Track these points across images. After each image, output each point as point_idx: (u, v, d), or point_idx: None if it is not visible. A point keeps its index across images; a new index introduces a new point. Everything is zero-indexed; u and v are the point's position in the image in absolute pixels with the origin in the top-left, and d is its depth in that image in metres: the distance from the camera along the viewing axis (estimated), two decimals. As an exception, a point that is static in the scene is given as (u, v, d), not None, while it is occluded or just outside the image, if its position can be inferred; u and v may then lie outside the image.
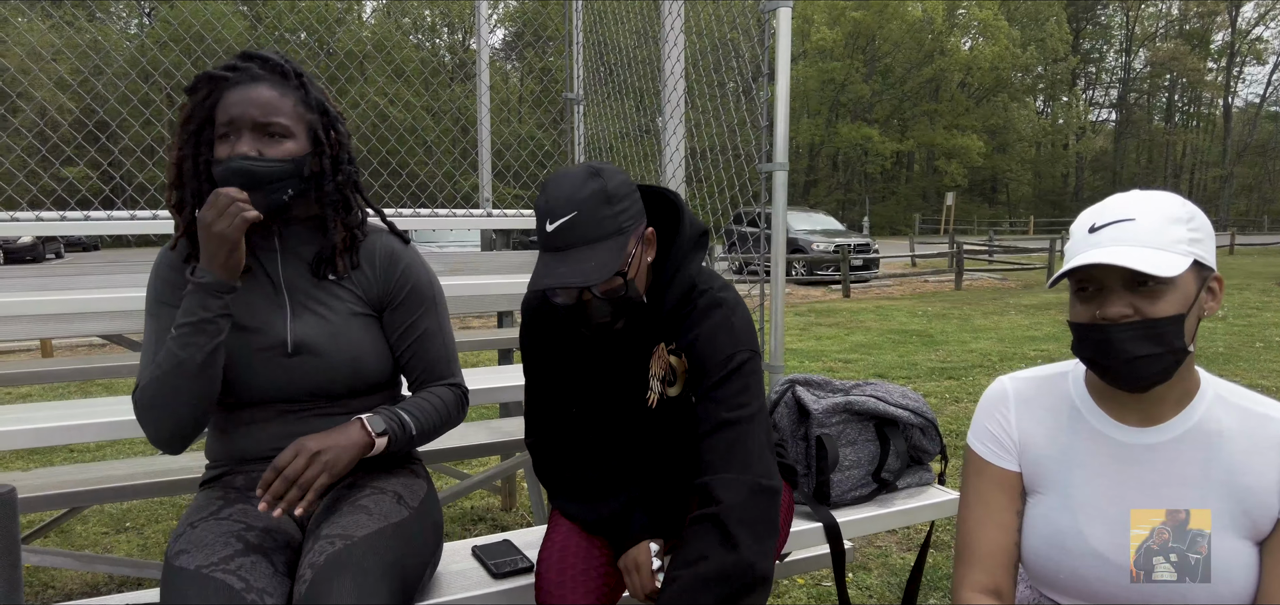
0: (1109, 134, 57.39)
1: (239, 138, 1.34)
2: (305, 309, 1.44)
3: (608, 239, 1.30)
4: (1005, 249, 19.77)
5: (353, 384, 1.44)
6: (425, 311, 1.52)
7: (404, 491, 1.45)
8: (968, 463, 1.36)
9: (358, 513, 1.35)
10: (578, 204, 1.28)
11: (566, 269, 1.27)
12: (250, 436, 1.42)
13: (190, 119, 1.37)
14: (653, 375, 1.46)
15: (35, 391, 6.87)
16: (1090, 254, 1.11)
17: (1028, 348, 8.25)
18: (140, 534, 3.56)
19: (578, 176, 1.31)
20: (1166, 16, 54.72)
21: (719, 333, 1.38)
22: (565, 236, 1.28)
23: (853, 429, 1.83)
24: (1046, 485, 1.27)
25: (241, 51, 1.40)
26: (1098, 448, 1.23)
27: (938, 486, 1.97)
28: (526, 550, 1.63)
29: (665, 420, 1.47)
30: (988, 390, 1.36)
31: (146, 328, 1.44)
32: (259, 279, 1.44)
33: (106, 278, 2.73)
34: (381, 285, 1.50)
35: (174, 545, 1.30)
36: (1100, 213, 1.16)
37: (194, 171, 1.38)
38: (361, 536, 1.30)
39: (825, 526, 1.72)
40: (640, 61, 3.60)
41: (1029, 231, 40.60)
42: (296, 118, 1.39)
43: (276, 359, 1.40)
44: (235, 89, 1.35)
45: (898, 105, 48.92)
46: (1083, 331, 1.16)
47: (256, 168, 1.33)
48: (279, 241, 1.47)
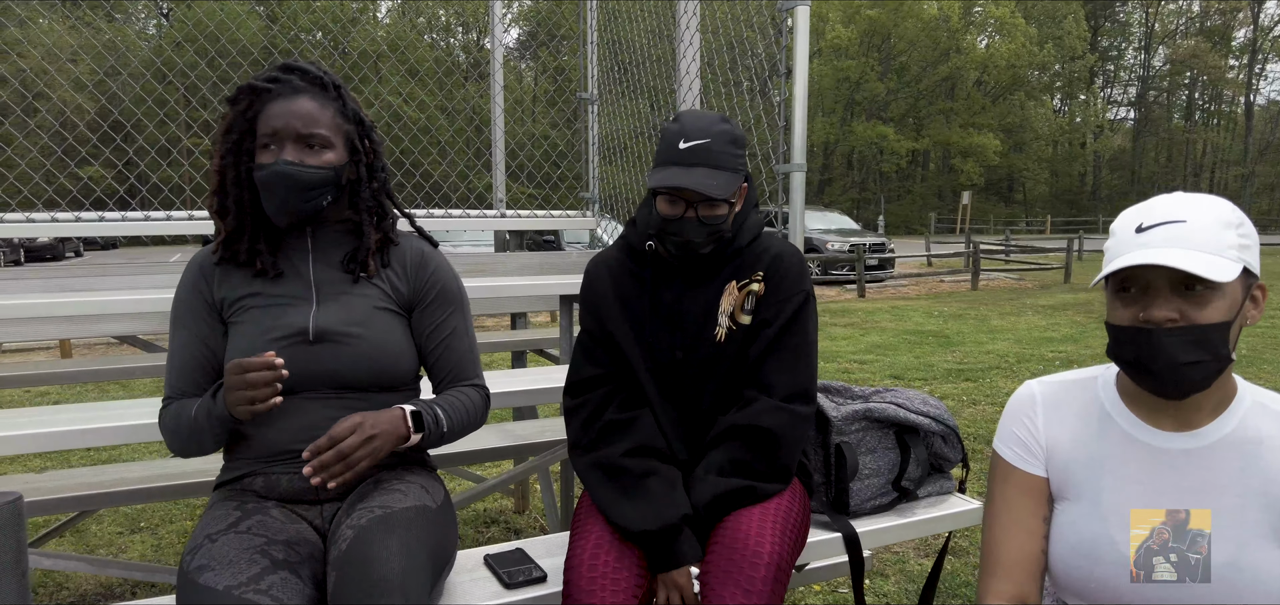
0: (1127, 133, 56.78)
1: (282, 148, 1.41)
2: (332, 301, 1.48)
3: (727, 170, 1.50)
4: (1022, 249, 19.59)
5: (376, 376, 1.47)
6: (453, 312, 1.58)
7: (428, 488, 1.49)
8: (994, 468, 1.33)
9: (391, 494, 1.40)
10: (711, 134, 1.49)
11: (692, 178, 1.46)
12: (272, 429, 1.42)
13: (231, 129, 1.44)
14: (722, 311, 1.60)
15: (55, 391, 6.93)
16: (1140, 254, 1.08)
17: (1045, 349, 8.15)
18: (154, 534, 3.57)
19: (714, 116, 1.53)
20: (1187, 13, 54.09)
21: (791, 269, 1.61)
22: (695, 156, 1.48)
23: (872, 436, 1.79)
24: (1075, 492, 1.24)
25: (281, 63, 1.46)
26: (1130, 453, 1.20)
27: (959, 495, 1.93)
28: (540, 559, 1.60)
29: (727, 354, 1.59)
30: (1015, 395, 1.33)
31: (172, 336, 1.49)
32: (289, 278, 1.49)
33: (128, 279, 2.73)
34: (411, 286, 1.55)
35: (192, 558, 1.28)
36: (1147, 213, 1.12)
37: (236, 179, 1.45)
38: (401, 508, 1.36)
39: (845, 537, 1.68)
40: (654, 60, 3.58)
41: (1046, 231, 40.26)
42: (335, 128, 1.46)
43: (298, 346, 1.43)
44: (277, 101, 1.42)
45: (913, 103, 48.62)
46: (1125, 334, 1.12)
47: (299, 173, 1.40)
48: (311, 242, 1.52)
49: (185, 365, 1.47)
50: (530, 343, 3.48)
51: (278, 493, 1.42)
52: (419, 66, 10.39)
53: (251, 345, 1.42)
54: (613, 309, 1.63)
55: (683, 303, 1.61)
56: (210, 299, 1.48)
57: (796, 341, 1.58)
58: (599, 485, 1.53)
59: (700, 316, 1.60)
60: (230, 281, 1.49)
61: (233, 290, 1.48)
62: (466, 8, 39.64)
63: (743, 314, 1.60)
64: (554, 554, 1.64)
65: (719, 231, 1.56)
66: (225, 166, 1.44)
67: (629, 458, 1.52)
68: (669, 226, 1.53)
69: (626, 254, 1.68)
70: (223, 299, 1.48)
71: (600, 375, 1.63)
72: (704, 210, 1.51)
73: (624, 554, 1.44)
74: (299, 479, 1.42)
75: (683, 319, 1.60)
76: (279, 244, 1.52)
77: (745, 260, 1.62)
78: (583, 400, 1.62)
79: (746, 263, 1.62)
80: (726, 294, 1.60)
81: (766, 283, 1.60)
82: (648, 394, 1.60)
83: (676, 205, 1.51)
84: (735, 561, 1.39)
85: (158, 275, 2.90)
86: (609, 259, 1.69)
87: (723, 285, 1.61)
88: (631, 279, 1.64)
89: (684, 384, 1.61)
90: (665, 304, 1.61)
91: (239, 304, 1.47)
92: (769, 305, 1.59)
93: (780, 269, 1.61)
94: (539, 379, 2.32)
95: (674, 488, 1.49)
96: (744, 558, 1.39)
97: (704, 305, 1.60)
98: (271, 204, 1.42)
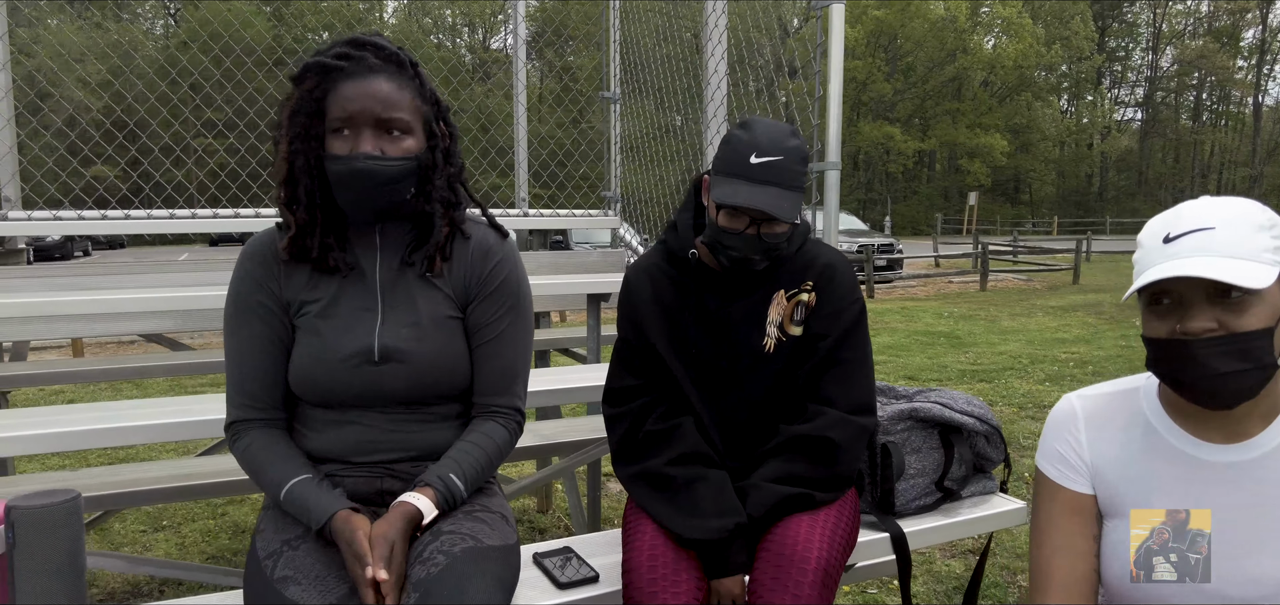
0: (1134, 133, 56.52)
1: (359, 135, 1.28)
2: (397, 313, 1.37)
3: (795, 190, 1.46)
4: (1030, 249, 19.52)
5: (434, 391, 1.39)
6: (506, 313, 1.44)
7: (506, 520, 1.41)
8: (1039, 487, 1.30)
9: (477, 523, 1.32)
10: (785, 151, 1.44)
11: (765, 198, 1.41)
12: (333, 437, 1.37)
13: (298, 111, 1.30)
14: (770, 321, 1.57)
15: (68, 390, 6.94)
16: (1170, 265, 1.04)
17: (1058, 349, 8.12)
18: (177, 533, 3.57)
19: (784, 129, 1.47)
20: (1195, 14, 53.87)
21: (844, 280, 1.58)
22: (767, 173, 1.43)
23: (917, 436, 1.77)
24: (1124, 507, 1.20)
25: (350, 38, 1.32)
26: (1179, 466, 1.17)
27: (1001, 495, 1.91)
28: (589, 558, 1.59)
29: (775, 365, 1.56)
30: (1054, 410, 1.30)
31: (234, 337, 1.37)
32: (354, 279, 1.38)
33: (157, 277, 2.74)
34: (471, 278, 1.42)
35: (274, 565, 1.24)
36: (1174, 221, 1.08)
37: (306, 168, 1.31)
38: (489, 545, 1.28)
39: (893, 538, 1.67)
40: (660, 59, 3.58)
41: (1052, 232, 40.11)
42: (414, 111, 1.33)
43: (363, 367, 1.34)
44: (350, 81, 1.28)
45: (920, 104, 48.51)
46: (1162, 348, 1.09)
47: (381, 169, 1.28)
48: (380, 238, 1.40)
49: (258, 374, 1.36)
50: (554, 342, 3.47)
51: None
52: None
53: (313, 367, 1.34)
54: (653, 318, 1.59)
55: (728, 312, 1.57)
56: (279, 296, 1.37)
57: (855, 354, 1.56)
58: (647, 495, 1.52)
59: (746, 326, 1.57)
60: (294, 280, 1.38)
61: (296, 290, 1.38)
62: (473, 8, 39.69)
63: (792, 325, 1.57)
64: (598, 554, 1.63)
65: (777, 249, 1.52)
66: (294, 153, 1.31)
67: (674, 466, 1.50)
68: (726, 240, 1.48)
69: (667, 260, 1.63)
70: (289, 299, 1.38)
71: (639, 385, 1.59)
72: (767, 228, 1.46)
73: (680, 556, 1.43)
74: (360, 483, 1.38)
75: (728, 328, 1.57)
76: (345, 237, 1.40)
77: (793, 269, 1.59)
78: (623, 410, 1.60)
79: (794, 271, 1.59)
80: (774, 303, 1.57)
81: (817, 293, 1.57)
82: (691, 402, 1.57)
83: (739, 219, 1.46)
84: (783, 567, 1.38)
85: (174, 274, 2.90)
86: (649, 266, 1.64)
87: (769, 294, 1.58)
88: (673, 286, 1.60)
89: (727, 393, 1.58)
90: (709, 313, 1.57)
91: (303, 309, 1.37)
92: (822, 317, 1.56)
93: (833, 279, 1.57)
94: (562, 379, 2.31)
95: (724, 494, 1.47)
96: (792, 563, 1.38)
97: (750, 314, 1.57)
98: (349, 199, 1.31)
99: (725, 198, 1.43)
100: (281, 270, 1.37)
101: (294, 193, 1.33)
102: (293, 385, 1.37)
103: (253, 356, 1.36)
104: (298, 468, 1.32)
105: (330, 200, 1.34)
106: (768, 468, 1.51)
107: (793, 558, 1.38)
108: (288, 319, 1.38)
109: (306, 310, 1.37)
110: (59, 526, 1.17)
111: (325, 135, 1.30)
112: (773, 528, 1.45)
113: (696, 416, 1.57)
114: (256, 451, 1.34)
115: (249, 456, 1.35)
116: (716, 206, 1.48)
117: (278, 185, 1.35)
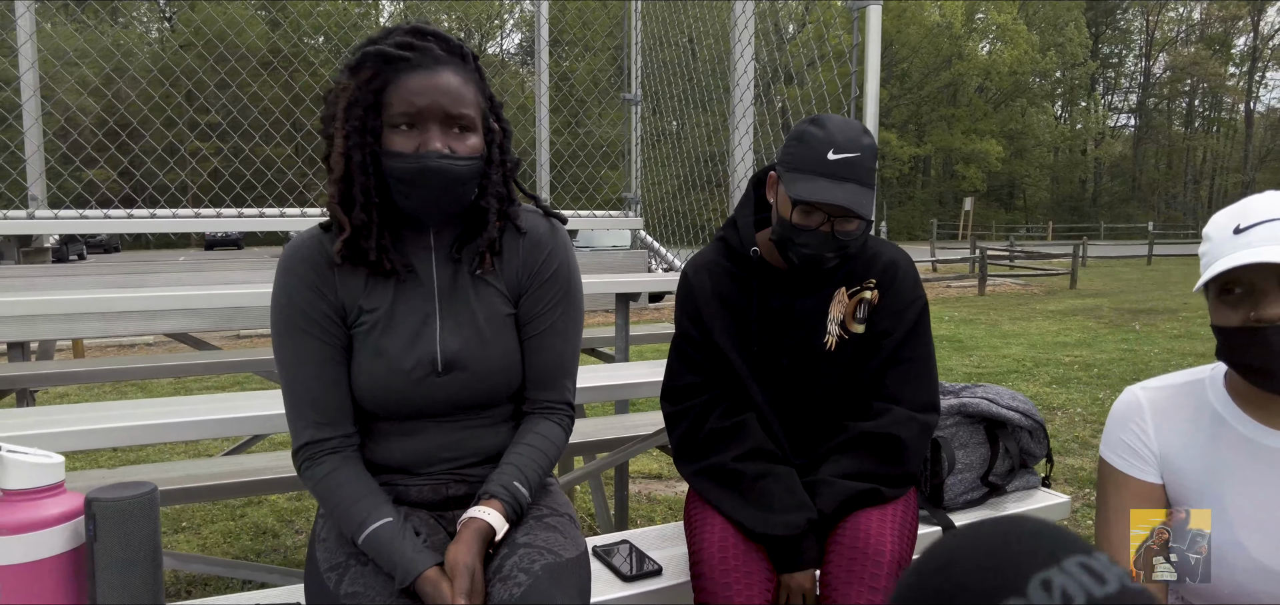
0: (1128, 139, 56.93)
1: (426, 131, 1.21)
2: (456, 317, 1.33)
3: (869, 187, 1.45)
4: (1027, 254, 19.61)
5: (496, 395, 1.36)
6: (556, 304, 1.39)
7: (571, 516, 1.39)
8: (1104, 478, 1.31)
9: (551, 533, 1.29)
10: (861, 149, 1.43)
11: (845, 194, 1.40)
12: (395, 447, 1.35)
13: (355, 103, 1.22)
14: (831, 319, 1.57)
15: (72, 392, 6.92)
16: (1246, 254, 1.07)
17: (1060, 353, 8.16)
18: (198, 534, 3.56)
19: (857, 126, 1.46)
20: (1187, 21, 54.27)
21: (907, 278, 1.59)
22: (844, 169, 1.41)
23: (965, 432, 1.79)
24: (1194, 499, 1.22)
25: (411, 26, 1.26)
26: (1250, 456, 1.18)
27: (1044, 489, 1.93)
28: (649, 552, 1.59)
29: (838, 363, 1.57)
30: (1119, 401, 1.32)
31: (289, 350, 1.29)
32: (410, 285, 1.32)
33: (179, 275, 2.74)
34: (525, 271, 1.38)
35: (336, 576, 1.22)
36: (1243, 214, 1.12)
37: (361, 164, 1.23)
38: (568, 558, 1.26)
39: (944, 531, 1.67)
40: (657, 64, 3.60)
41: (1047, 237, 40.30)
42: (477, 108, 1.26)
43: (428, 379, 1.30)
44: (416, 74, 1.21)
45: (915, 109, 48.71)
46: (1237, 336, 1.11)
47: (453, 168, 1.22)
48: (434, 238, 1.34)
49: (325, 390, 1.29)
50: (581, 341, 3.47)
51: (407, 500, 1.36)
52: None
53: (376, 382, 1.29)
54: (716, 315, 1.58)
55: (791, 309, 1.57)
56: (335, 302, 1.30)
57: (920, 351, 1.57)
58: (715, 491, 1.51)
59: (809, 324, 1.56)
60: (349, 285, 1.30)
61: (353, 295, 1.31)
62: (470, 12, 39.67)
63: (855, 322, 1.57)
64: (654, 548, 1.63)
65: (848, 246, 1.49)
66: (351, 148, 1.22)
67: (741, 462, 1.50)
68: (799, 238, 1.46)
69: (727, 257, 1.62)
70: (345, 305, 1.31)
71: (700, 382, 1.59)
72: (841, 226, 1.44)
73: (751, 549, 1.44)
74: (426, 491, 1.36)
75: (790, 326, 1.57)
76: (400, 237, 1.33)
77: (855, 267, 1.58)
78: (684, 407, 1.59)
79: (856, 269, 1.58)
80: (836, 301, 1.57)
81: (880, 291, 1.57)
82: (755, 400, 1.57)
83: (813, 216, 1.44)
84: (858, 562, 1.39)
85: (186, 272, 2.90)
86: (708, 262, 1.63)
87: (831, 292, 1.57)
88: (734, 284, 1.59)
89: (790, 391, 1.58)
90: (772, 311, 1.57)
91: (361, 318, 1.31)
92: (886, 315, 1.57)
93: (896, 277, 1.58)
94: (589, 378, 2.30)
95: (794, 490, 1.47)
96: (867, 558, 1.39)
97: (813, 312, 1.57)
98: (418, 201, 1.24)
99: (805, 194, 1.41)
100: (335, 275, 1.30)
101: (349, 192, 1.24)
102: (355, 397, 1.33)
103: (316, 372, 1.29)
104: (380, 508, 1.25)
105: (387, 199, 1.27)
106: (836, 464, 1.51)
107: (866, 552, 1.39)
108: (345, 327, 1.32)
109: (364, 320, 1.31)
110: (139, 518, 1.17)
111: (382, 130, 1.23)
112: (843, 523, 1.46)
113: (759, 413, 1.57)
114: (334, 484, 1.28)
115: (326, 487, 1.28)
116: (791, 203, 1.46)
117: (331, 184, 1.26)
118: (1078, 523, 3.44)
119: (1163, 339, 9.00)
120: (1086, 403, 5.80)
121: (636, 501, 3.81)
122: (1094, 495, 3.71)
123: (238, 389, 6.89)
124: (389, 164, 1.22)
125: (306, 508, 3.85)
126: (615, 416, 3.07)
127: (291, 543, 3.46)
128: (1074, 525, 3.41)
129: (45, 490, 1.15)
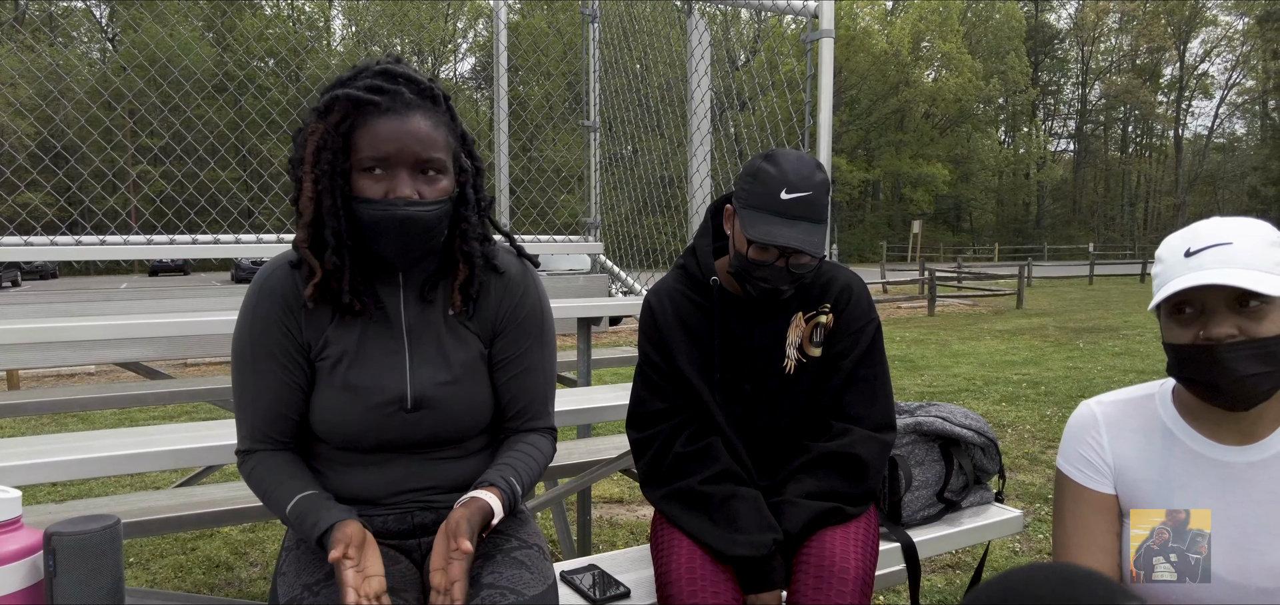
0: (1068, 163, 59.01)
1: (395, 177, 1.21)
2: (426, 356, 1.33)
3: (821, 223, 1.48)
4: (974, 275, 20.16)
5: (466, 432, 1.37)
6: (534, 343, 1.41)
7: (541, 547, 1.38)
8: (1061, 490, 1.36)
9: (518, 569, 1.29)
10: (813, 186, 1.46)
11: (797, 234, 1.43)
12: (359, 477, 1.34)
13: (324, 147, 1.21)
14: (790, 343, 1.62)
15: (7, 424, 6.64)
16: (1195, 275, 1.13)
17: (1008, 371, 8.38)
18: (147, 569, 3.45)
19: (810, 162, 1.49)
20: (1119, 51, 56.66)
21: (861, 300, 1.64)
22: (797, 209, 1.45)
23: (921, 449, 1.85)
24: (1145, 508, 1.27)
25: (381, 68, 1.25)
26: (1199, 470, 1.25)
27: (997, 504, 1.99)
28: (617, 575, 1.60)
29: (797, 386, 1.61)
30: (1074, 415, 1.38)
31: (248, 375, 1.30)
32: (379, 323, 1.32)
33: (137, 303, 2.67)
34: (497, 310, 1.39)
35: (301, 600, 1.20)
36: (1193, 238, 1.18)
37: (334, 209, 1.22)
38: (532, 596, 1.25)
39: (903, 547, 1.72)
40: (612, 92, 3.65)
41: (994, 258, 41.42)
42: (448, 150, 1.26)
43: (396, 415, 1.30)
44: (386, 118, 1.20)
45: (864, 135, 49.84)
46: (1187, 353, 1.17)
47: (423, 215, 1.21)
48: (403, 277, 1.34)
49: (273, 411, 1.31)
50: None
51: (371, 531, 1.31)
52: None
53: (342, 415, 1.29)
54: (679, 341, 1.61)
55: (751, 336, 1.61)
56: (299, 340, 1.31)
57: (875, 371, 1.62)
58: (683, 514, 1.53)
59: (768, 348, 1.61)
60: (315, 322, 1.31)
61: (318, 331, 1.31)
62: (422, 36, 39.47)
63: (812, 346, 1.62)
64: (622, 571, 1.65)
65: (803, 278, 1.53)
66: (320, 192, 1.22)
67: (708, 484, 1.53)
68: (755, 271, 1.50)
69: (688, 285, 1.66)
70: (310, 342, 1.32)
71: (666, 408, 1.61)
72: (795, 261, 1.48)
73: (718, 569, 1.46)
74: (391, 522, 1.35)
75: (751, 352, 1.61)
76: (371, 277, 1.33)
77: (810, 292, 1.63)
78: (651, 433, 1.61)
79: (812, 295, 1.63)
80: (793, 326, 1.62)
81: (835, 314, 1.63)
82: (719, 424, 1.60)
83: (768, 252, 1.47)
84: (825, 579, 1.42)
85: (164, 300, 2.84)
86: (669, 290, 1.67)
87: (789, 318, 1.62)
88: (695, 311, 1.63)
89: (752, 414, 1.62)
90: (733, 337, 1.61)
91: (326, 352, 1.31)
92: (842, 337, 1.62)
93: (850, 301, 1.63)
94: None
95: (760, 511, 1.50)
96: (834, 575, 1.42)
97: (772, 338, 1.61)
98: (386, 246, 1.24)
99: (759, 236, 1.44)
100: (303, 313, 1.30)
101: (320, 235, 1.24)
102: (318, 430, 1.33)
103: (273, 393, 1.31)
104: (305, 484, 1.28)
105: (357, 242, 1.27)
106: (800, 484, 1.55)
107: (833, 570, 1.43)
108: (308, 362, 1.32)
109: (328, 354, 1.31)
110: (101, 553, 1.14)
111: (351, 173, 1.22)
112: (809, 542, 1.49)
113: (723, 436, 1.60)
114: (268, 469, 1.30)
115: (257, 477, 1.31)
116: (747, 241, 1.49)
117: (301, 227, 1.25)
118: (1030, 536, 3.54)
119: (1105, 356, 9.31)
120: (1035, 420, 5.96)
121: (599, 526, 3.81)
122: (1045, 509, 3.82)
123: (186, 419, 6.70)
124: (358, 209, 1.22)
125: (261, 540, 3.75)
126: (578, 441, 3.07)
127: (246, 576, 3.37)
128: (1027, 538, 3.51)
129: (2, 526, 1.12)
